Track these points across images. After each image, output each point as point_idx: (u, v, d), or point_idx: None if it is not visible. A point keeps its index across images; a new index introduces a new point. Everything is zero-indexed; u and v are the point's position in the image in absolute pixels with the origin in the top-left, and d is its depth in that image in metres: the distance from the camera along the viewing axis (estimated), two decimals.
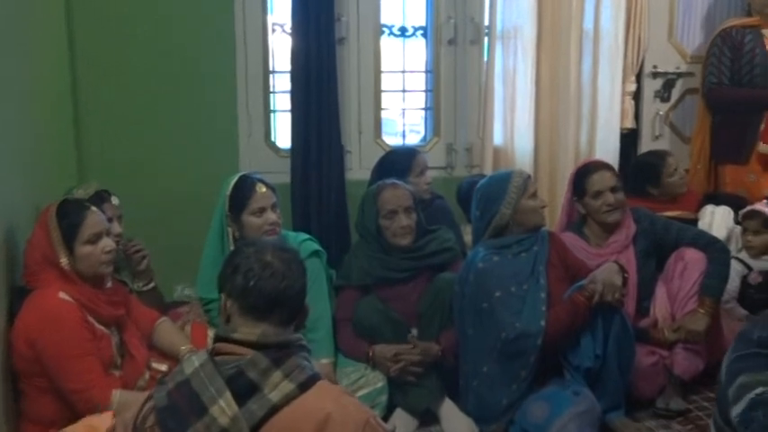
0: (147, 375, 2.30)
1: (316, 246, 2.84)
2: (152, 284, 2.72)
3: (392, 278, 2.86)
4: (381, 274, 2.86)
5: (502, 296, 2.58)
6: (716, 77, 3.76)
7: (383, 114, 3.89)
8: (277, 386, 1.42)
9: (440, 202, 3.42)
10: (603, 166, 3.03)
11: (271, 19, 3.65)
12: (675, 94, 4.15)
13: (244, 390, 1.41)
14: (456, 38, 3.84)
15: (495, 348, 2.56)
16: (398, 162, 3.29)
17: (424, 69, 3.94)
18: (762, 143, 3.63)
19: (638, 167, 3.64)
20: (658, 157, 3.56)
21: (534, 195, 2.76)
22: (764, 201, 3.32)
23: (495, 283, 2.60)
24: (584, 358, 2.54)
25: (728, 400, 1.71)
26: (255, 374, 1.42)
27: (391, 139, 3.98)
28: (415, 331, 2.80)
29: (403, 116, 4.05)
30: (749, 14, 3.80)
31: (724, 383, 1.76)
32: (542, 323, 2.53)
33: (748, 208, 3.28)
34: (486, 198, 2.75)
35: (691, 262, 2.88)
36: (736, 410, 1.66)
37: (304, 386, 1.44)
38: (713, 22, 4.08)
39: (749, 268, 3.20)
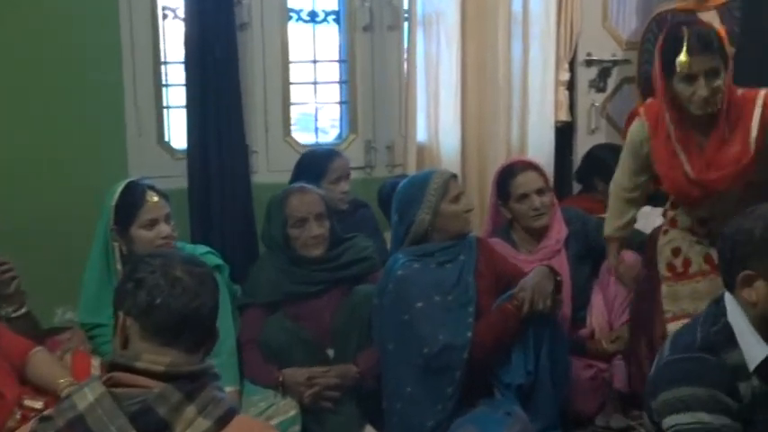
0: (18, 415, 2.22)
1: (217, 260, 2.82)
2: (23, 309, 2.63)
3: (303, 293, 2.87)
4: (290, 289, 2.86)
5: (424, 307, 2.62)
6: (652, 66, 3.89)
7: (299, 109, 3.88)
8: (191, 424, 1.39)
9: (365, 211, 3.43)
10: (529, 165, 3.10)
11: (161, 2, 3.60)
12: (611, 83, 4.25)
13: (152, 429, 1.38)
14: (372, 23, 3.87)
15: (417, 365, 2.59)
16: (312, 165, 3.30)
17: (337, 59, 3.96)
18: None
19: (592, 159, 3.76)
20: (616, 153, 3.67)
21: (457, 198, 2.79)
22: None
23: (416, 292, 2.64)
24: (516, 375, 2.61)
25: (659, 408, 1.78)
26: (165, 411, 1.38)
27: (307, 137, 3.98)
28: (330, 352, 2.81)
29: (316, 111, 4.05)
30: None
31: (654, 389, 1.82)
32: (468, 335, 2.57)
33: None
34: (405, 202, 2.79)
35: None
36: (669, 422, 1.73)
37: (222, 422, 1.41)
38: (650, 5, 4.22)
39: None
